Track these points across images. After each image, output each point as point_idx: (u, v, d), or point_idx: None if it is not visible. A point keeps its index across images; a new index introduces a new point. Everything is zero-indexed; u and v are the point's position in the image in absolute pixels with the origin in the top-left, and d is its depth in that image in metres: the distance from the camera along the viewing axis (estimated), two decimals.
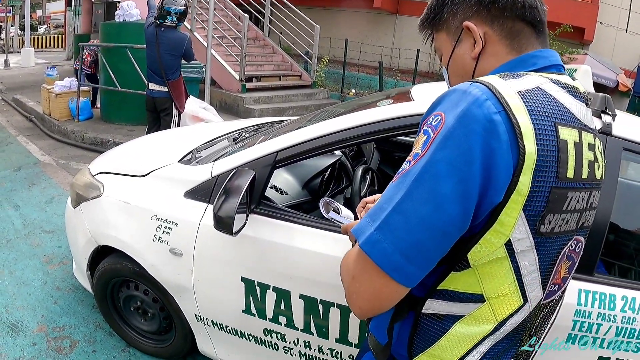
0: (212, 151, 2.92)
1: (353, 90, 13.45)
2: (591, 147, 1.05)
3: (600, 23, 14.05)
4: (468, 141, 0.91)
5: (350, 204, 2.60)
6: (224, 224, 1.96)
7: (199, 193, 2.43)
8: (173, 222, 2.44)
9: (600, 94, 1.66)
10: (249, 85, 11.01)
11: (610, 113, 1.70)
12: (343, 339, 2.17)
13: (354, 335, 2.14)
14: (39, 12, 47.78)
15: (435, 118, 0.98)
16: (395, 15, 16.62)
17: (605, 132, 1.83)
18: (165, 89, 6.04)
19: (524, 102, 0.95)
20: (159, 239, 2.48)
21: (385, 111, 2.15)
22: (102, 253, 2.93)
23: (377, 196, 1.55)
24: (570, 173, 0.98)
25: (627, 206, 2.69)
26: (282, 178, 2.82)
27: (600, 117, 1.69)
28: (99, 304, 3.12)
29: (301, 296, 2.17)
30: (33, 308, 3.55)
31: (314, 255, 2.10)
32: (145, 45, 7.60)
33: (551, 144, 0.95)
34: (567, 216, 1.02)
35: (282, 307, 2.24)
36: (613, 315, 1.80)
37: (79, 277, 3.40)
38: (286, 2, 12.59)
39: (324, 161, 2.99)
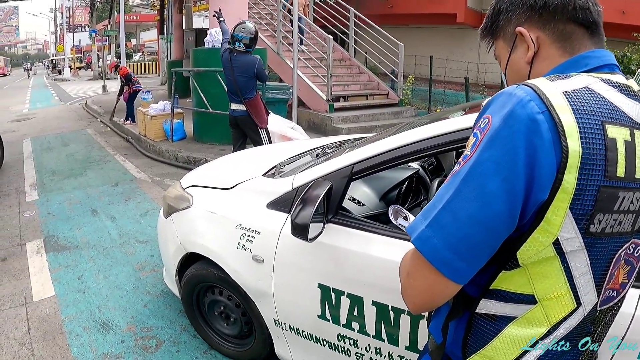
0: (295, 166, 3.04)
1: (440, 108, 13.30)
2: None
3: None
4: (512, 140, 0.95)
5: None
6: (300, 230, 2.05)
7: (281, 204, 2.55)
8: (256, 231, 2.58)
9: None
10: (336, 105, 11.17)
11: None
12: (412, 346, 2.17)
13: (423, 343, 2.13)
14: (134, 41, 50.73)
15: (483, 121, 1.03)
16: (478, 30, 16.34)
17: None
18: (244, 108, 6.33)
19: (568, 101, 0.97)
20: (242, 247, 2.63)
21: (458, 122, 2.15)
22: (190, 260, 3.14)
23: None
24: (620, 172, 0.97)
25: None
26: (361, 191, 2.87)
27: None
28: (185, 307, 3.33)
29: (373, 303, 2.21)
30: (124, 309, 3.84)
31: (387, 262, 2.12)
32: None
33: (598, 142, 0.95)
34: (621, 217, 1.00)
35: (355, 313, 2.28)
36: None
37: (168, 283, 3.64)
38: (370, 22, 12.75)
39: (401, 174, 3.01)
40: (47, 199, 6.77)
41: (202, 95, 8.70)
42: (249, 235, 2.61)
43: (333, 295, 2.33)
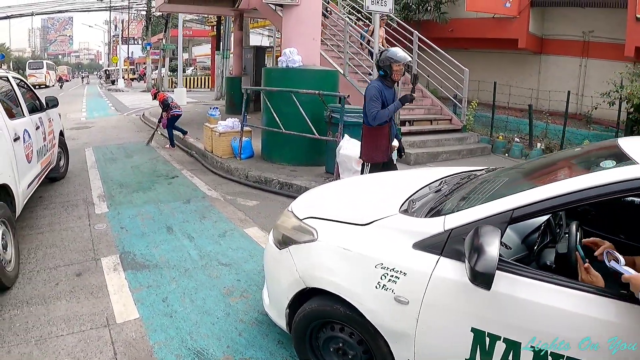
0: (424, 201, 2.99)
1: (502, 135, 13.13)
2: None
3: None
4: None
5: (564, 258, 2.58)
6: (483, 280, 2.08)
7: (430, 245, 2.48)
8: (401, 272, 2.50)
9: None
10: (402, 129, 11.03)
11: None
12: None
13: None
14: (185, 55, 51.72)
15: None
16: (540, 55, 16.19)
17: None
18: None
19: None
20: (383, 287, 2.55)
21: (623, 172, 2.21)
22: (305, 294, 3.06)
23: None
24: None
25: None
26: (505, 233, 2.80)
27: None
28: (296, 341, 3.20)
29: (531, 347, 2.22)
30: (218, 337, 3.72)
31: (553, 310, 2.17)
32: (308, 90, 8.00)
33: None
34: None
35: (510, 357, 2.27)
36: None
37: (272, 314, 3.50)
38: (434, 45, 12.69)
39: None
40: (117, 213, 6.79)
41: (274, 114, 8.67)
42: (391, 276, 2.53)
43: (487, 339, 2.33)
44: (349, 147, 7.05)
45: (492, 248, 2.08)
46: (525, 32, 15.26)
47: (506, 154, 12.39)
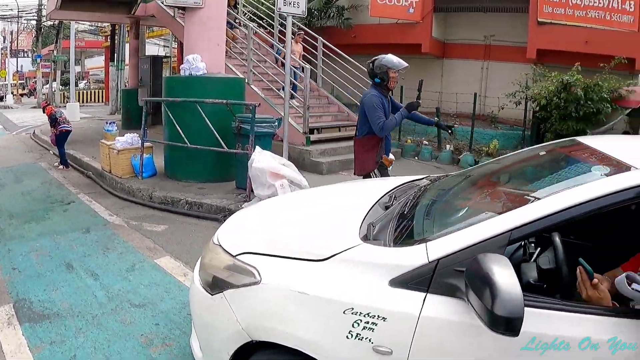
0: (383, 224, 2.53)
1: (409, 138, 13.18)
2: None
3: None
4: None
5: (551, 274, 2.25)
6: (508, 325, 1.65)
7: (413, 281, 2.00)
8: (379, 317, 1.99)
9: None
10: (311, 137, 10.76)
11: None
12: None
13: None
14: (77, 68, 49.08)
15: None
16: (442, 59, 16.53)
17: None
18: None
19: None
20: (357, 336, 2.02)
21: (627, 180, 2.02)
22: (253, 346, 2.44)
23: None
24: None
25: None
26: None
27: None
28: None
29: None
30: None
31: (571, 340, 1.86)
32: (215, 100, 7.41)
33: None
34: None
35: None
36: None
37: None
38: (340, 52, 12.61)
39: None
40: (8, 250, 5.73)
41: (177, 127, 7.91)
42: (367, 322, 2.01)
43: None
44: (262, 160, 6.57)
45: (511, 283, 1.68)
46: (428, 37, 15.51)
47: (416, 157, 12.56)
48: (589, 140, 3.08)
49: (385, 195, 3.14)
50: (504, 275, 1.70)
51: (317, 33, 13.62)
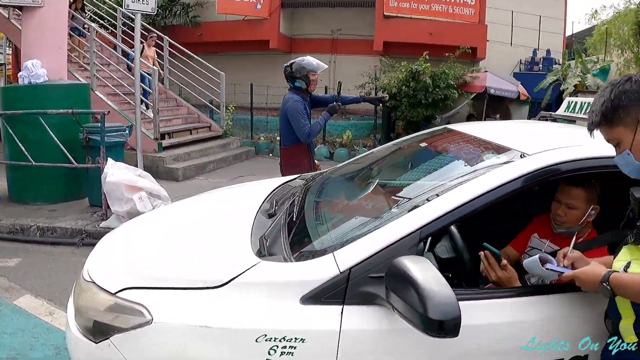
0: (274, 236, 2.35)
1: (263, 136, 13.21)
2: None
3: (489, 41, 15.01)
4: None
5: (452, 262, 2.34)
6: (446, 327, 1.57)
7: (327, 295, 1.85)
8: (296, 339, 1.81)
9: None
10: (163, 143, 10.29)
11: None
12: None
13: None
14: None
15: None
16: (290, 54, 16.53)
17: None
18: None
19: None
20: None
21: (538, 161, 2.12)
22: None
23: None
24: None
25: None
26: None
27: None
28: None
29: None
30: None
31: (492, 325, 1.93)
32: (59, 110, 6.73)
33: None
34: None
35: None
36: None
37: None
38: (187, 51, 12.30)
39: None
40: None
41: (19, 144, 6.97)
42: (284, 347, 1.80)
43: None
44: (116, 173, 6.06)
45: (440, 283, 1.62)
46: (276, 33, 15.67)
47: (270, 154, 12.60)
48: (460, 127, 3.20)
49: (264, 202, 2.95)
50: (430, 278, 1.63)
51: (162, 32, 13.07)
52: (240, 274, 1.98)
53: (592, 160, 2.14)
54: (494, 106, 13.12)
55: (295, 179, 3.50)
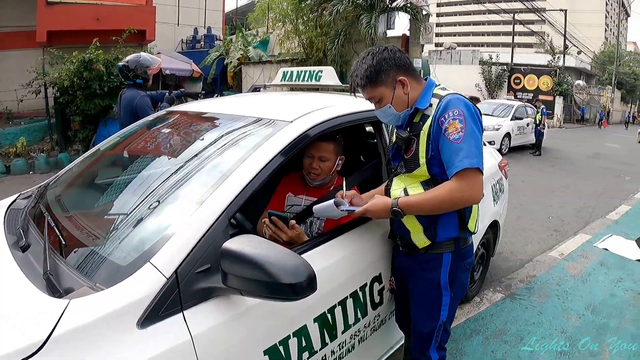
0: (58, 268, 1.89)
1: None
2: None
3: (157, 22, 14.96)
4: (473, 113, 2.17)
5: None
6: (304, 286, 1.65)
7: (162, 307, 1.70)
8: None
9: None
10: None
11: None
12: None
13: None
14: None
15: (454, 112, 2.13)
16: None
17: None
18: None
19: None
20: None
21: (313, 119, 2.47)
22: None
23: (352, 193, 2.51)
24: None
25: None
26: None
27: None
28: None
29: (315, 320, 2.21)
30: None
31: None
32: None
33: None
34: None
35: (304, 343, 2.15)
36: None
37: None
38: None
39: None
40: None
41: None
42: None
43: (282, 348, 2.04)
44: None
45: (279, 251, 1.69)
46: None
47: None
48: (200, 107, 3.35)
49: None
50: (268, 253, 1.67)
51: None
52: (55, 326, 1.58)
53: (343, 117, 2.62)
54: (169, 86, 13.26)
55: (15, 200, 2.92)
